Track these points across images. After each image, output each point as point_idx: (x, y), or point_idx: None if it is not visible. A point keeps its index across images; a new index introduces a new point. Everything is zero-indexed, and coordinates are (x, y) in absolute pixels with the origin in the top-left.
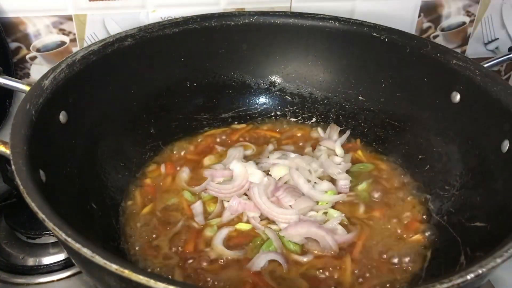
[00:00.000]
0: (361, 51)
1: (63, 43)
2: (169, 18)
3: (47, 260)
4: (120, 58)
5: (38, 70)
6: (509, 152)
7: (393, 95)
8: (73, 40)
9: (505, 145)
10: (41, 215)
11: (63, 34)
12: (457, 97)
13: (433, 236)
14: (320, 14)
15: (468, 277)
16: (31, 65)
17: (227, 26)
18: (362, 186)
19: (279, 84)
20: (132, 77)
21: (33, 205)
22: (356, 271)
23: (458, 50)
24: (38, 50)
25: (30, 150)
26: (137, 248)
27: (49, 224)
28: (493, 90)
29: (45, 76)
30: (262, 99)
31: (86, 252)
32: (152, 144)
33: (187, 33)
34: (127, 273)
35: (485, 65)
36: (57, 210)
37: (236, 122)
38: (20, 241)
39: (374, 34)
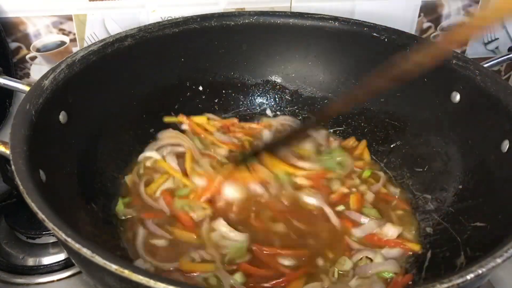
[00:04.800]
0: (361, 51)
1: (63, 43)
2: (169, 18)
3: (47, 260)
4: (120, 58)
5: (38, 70)
6: (509, 152)
7: (393, 95)
8: (73, 40)
9: (505, 145)
10: (41, 215)
11: (63, 34)
12: (457, 97)
13: (433, 236)
14: (320, 14)
15: (468, 277)
16: (31, 65)
17: (227, 26)
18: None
19: (279, 84)
20: (132, 77)
21: (33, 205)
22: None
23: (458, 50)
24: (38, 50)
25: (30, 150)
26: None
27: (49, 224)
28: (493, 90)
29: (45, 76)
30: (262, 99)
31: (86, 252)
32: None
33: (187, 33)
34: (127, 273)
35: (485, 65)
36: (57, 210)
37: None
38: (20, 241)
39: (374, 34)
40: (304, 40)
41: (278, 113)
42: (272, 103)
